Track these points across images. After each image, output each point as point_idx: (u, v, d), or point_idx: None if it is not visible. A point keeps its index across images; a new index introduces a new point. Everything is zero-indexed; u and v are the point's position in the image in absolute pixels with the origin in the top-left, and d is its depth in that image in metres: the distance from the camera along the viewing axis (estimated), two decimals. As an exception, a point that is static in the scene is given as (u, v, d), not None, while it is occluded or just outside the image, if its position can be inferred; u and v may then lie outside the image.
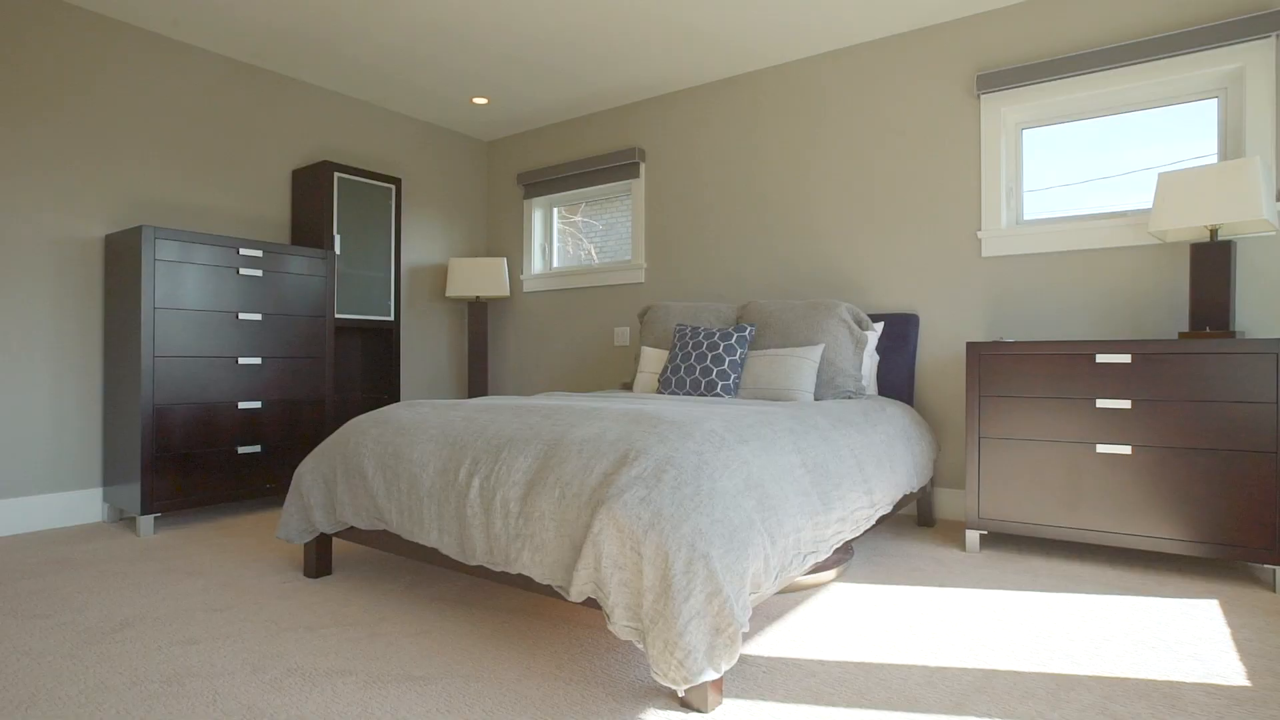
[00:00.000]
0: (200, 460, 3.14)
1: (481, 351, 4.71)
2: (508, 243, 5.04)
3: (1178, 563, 2.62)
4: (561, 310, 4.74)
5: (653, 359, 3.42)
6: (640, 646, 1.48)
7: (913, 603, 2.17)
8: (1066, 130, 3.15)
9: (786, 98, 3.78)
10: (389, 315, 4.12)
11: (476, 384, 4.70)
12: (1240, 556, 2.33)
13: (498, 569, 1.78)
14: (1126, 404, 2.50)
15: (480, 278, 4.63)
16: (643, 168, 4.34)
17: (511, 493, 1.77)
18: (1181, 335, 2.60)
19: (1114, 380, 2.52)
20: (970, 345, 2.78)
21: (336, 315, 3.87)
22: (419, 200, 4.71)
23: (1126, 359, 2.50)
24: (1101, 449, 2.54)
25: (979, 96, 3.21)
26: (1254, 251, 2.71)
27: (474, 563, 1.84)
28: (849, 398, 2.99)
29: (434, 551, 2.00)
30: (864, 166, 3.53)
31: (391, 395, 4.15)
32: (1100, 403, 2.54)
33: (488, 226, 5.17)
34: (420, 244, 4.73)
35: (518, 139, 4.97)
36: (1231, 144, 2.79)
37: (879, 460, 2.44)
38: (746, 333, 3.12)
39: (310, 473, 2.33)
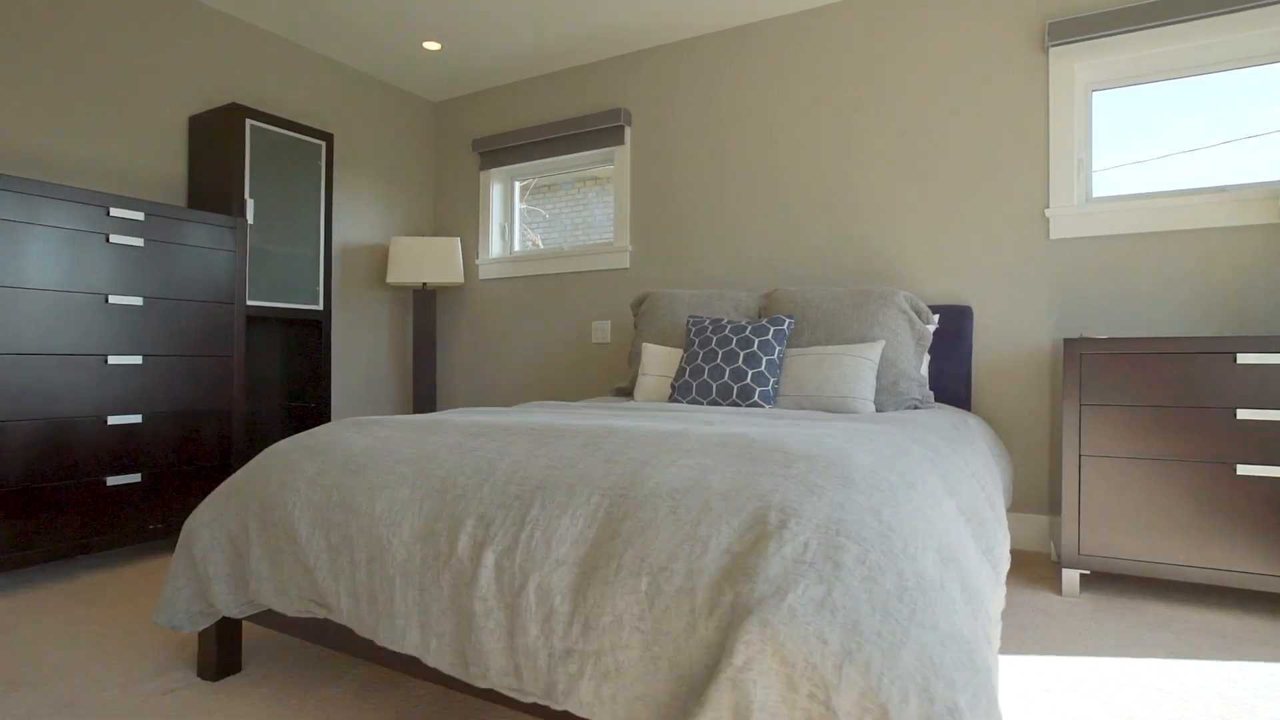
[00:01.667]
0: (51, 496, 2.27)
1: (429, 350, 3.93)
2: (460, 221, 4.27)
3: (1320, 606, 2.17)
4: (526, 301, 4.01)
5: (659, 359, 2.77)
6: None
7: (1053, 676, 1.60)
8: (1143, 92, 2.70)
9: (811, 51, 3.20)
10: (317, 304, 3.30)
11: (423, 390, 3.91)
12: None
13: (529, 700, 1.09)
14: (1275, 415, 2.03)
15: (429, 261, 3.85)
16: (628, 133, 3.67)
17: (556, 579, 1.08)
18: None
19: (1261, 385, 2.04)
20: (1069, 342, 2.26)
21: (249, 302, 3.03)
22: (355, 165, 3.88)
23: (1278, 360, 2.03)
24: (1243, 470, 2.06)
25: (1048, 49, 2.71)
26: (1386, 234, 2.30)
27: (484, 684, 1.14)
28: (915, 407, 2.42)
29: (413, 661, 1.28)
30: (907, 132, 2.99)
31: (320, 406, 3.33)
32: (1242, 413, 2.06)
33: (436, 201, 4.38)
34: (356, 218, 3.91)
35: (474, 99, 4.21)
36: (1354, 108, 2.38)
37: (995, 489, 1.87)
38: (785, 326, 2.51)
39: (208, 527, 1.55)
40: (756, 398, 2.39)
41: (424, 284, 3.94)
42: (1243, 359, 2.06)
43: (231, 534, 1.52)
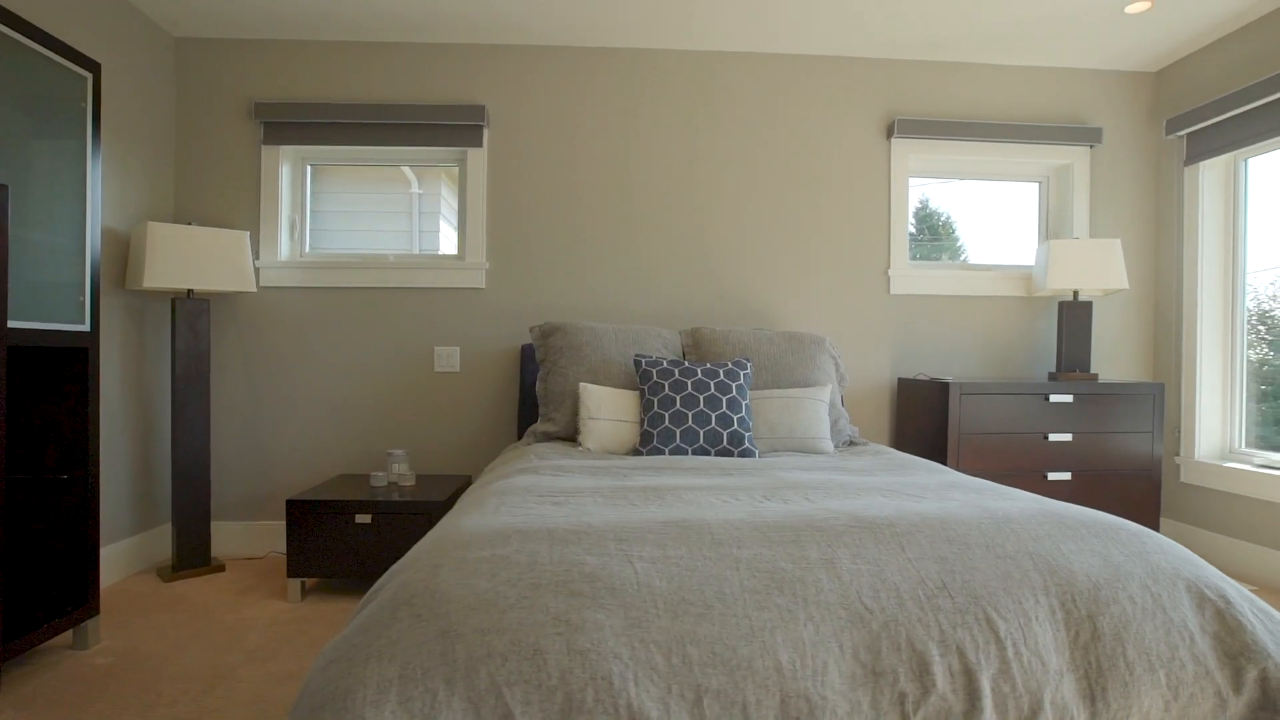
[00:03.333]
0: None
1: (198, 384, 2.87)
2: (226, 209, 3.19)
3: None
4: (335, 318, 3.22)
5: (608, 401, 2.57)
6: None
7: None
8: (940, 184, 3.54)
9: (686, 90, 3.30)
10: (81, 322, 2.14)
11: (189, 442, 2.84)
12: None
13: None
14: (1069, 437, 2.92)
15: (205, 260, 2.81)
16: (487, 135, 3.25)
17: (1065, 691, 1.05)
18: (1051, 376, 3.17)
19: (1061, 416, 2.91)
20: (953, 385, 2.86)
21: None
22: (125, 118, 2.58)
23: (1070, 399, 2.92)
24: (1051, 476, 2.91)
25: (891, 140, 3.34)
26: (1103, 310, 3.43)
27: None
28: (851, 443, 2.76)
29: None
30: (771, 183, 3.32)
31: (80, 477, 2.16)
32: (1051, 436, 2.91)
33: (177, 177, 3.18)
34: (120, 194, 2.65)
35: (250, 49, 3.19)
36: (1053, 222, 3.53)
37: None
38: (749, 370, 2.60)
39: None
40: (746, 445, 2.43)
41: (190, 291, 2.86)
42: (1052, 398, 2.91)
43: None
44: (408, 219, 3.46)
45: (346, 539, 2.60)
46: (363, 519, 2.60)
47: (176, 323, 2.83)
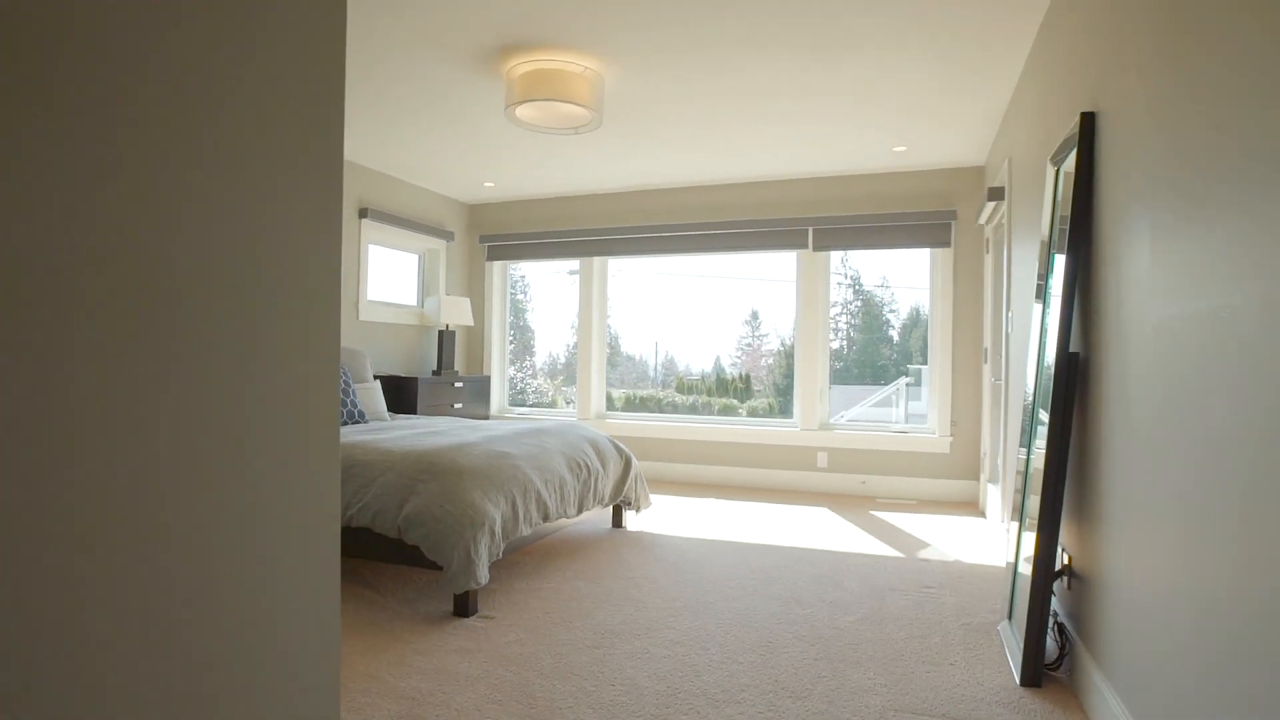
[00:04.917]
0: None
1: None
2: None
3: (444, 476, 5.69)
4: None
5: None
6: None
7: (505, 504, 4.65)
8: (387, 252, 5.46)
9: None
10: None
11: None
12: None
13: (584, 512, 3.59)
14: (460, 405, 5.45)
15: None
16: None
17: (602, 474, 3.64)
18: (434, 372, 5.71)
19: (460, 393, 5.42)
20: (421, 380, 4.96)
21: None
22: None
23: (462, 385, 5.45)
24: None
25: (361, 220, 5.08)
26: (461, 336, 5.93)
27: (579, 515, 3.50)
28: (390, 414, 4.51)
29: (556, 525, 3.31)
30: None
31: None
32: (455, 405, 5.37)
33: None
34: None
35: None
36: (427, 281, 5.96)
37: (467, 444, 4.59)
38: (344, 369, 4.07)
39: (496, 509, 2.74)
40: (367, 419, 3.96)
41: None
42: (455, 384, 5.37)
43: (502, 509, 2.81)
44: None
45: None
46: None
47: None
